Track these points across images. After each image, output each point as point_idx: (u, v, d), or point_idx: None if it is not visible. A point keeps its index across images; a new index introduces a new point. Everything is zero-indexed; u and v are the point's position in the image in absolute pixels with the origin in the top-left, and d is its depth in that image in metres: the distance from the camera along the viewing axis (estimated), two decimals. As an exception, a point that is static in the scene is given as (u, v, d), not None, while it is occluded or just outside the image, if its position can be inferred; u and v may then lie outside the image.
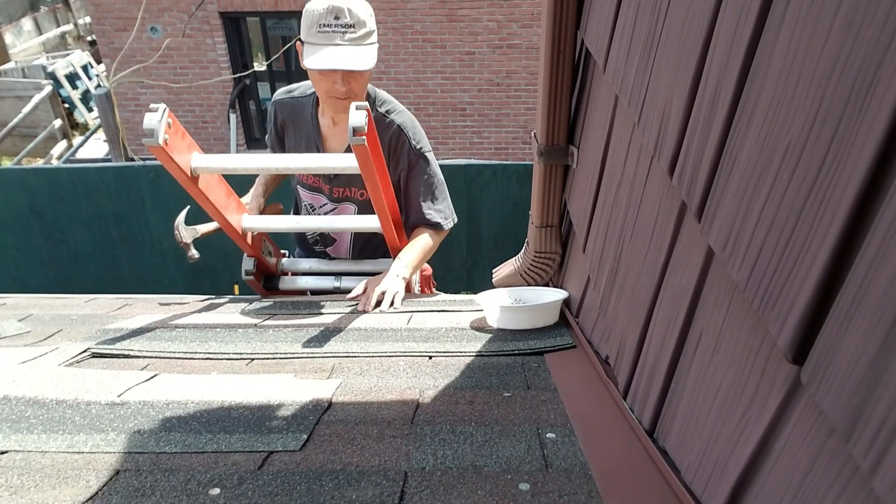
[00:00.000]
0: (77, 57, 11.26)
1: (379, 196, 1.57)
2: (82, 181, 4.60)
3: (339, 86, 1.64)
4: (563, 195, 1.58)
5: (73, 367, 1.26)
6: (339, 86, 1.64)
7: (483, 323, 1.50)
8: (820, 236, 0.47)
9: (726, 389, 0.67)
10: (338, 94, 1.66)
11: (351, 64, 1.60)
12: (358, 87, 1.69)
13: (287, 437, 0.95)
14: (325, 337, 1.42)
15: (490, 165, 4.69)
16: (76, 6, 14.33)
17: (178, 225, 1.83)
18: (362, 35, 1.62)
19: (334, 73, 1.63)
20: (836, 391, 0.44)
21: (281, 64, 8.32)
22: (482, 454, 0.90)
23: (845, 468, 0.45)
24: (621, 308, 1.06)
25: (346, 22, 1.59)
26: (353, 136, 1.31)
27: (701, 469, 0.72)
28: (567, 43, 1.35)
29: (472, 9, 7.50)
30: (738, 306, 0.65)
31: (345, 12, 1.58)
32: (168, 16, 7.65)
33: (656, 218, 0.90)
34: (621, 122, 1.10)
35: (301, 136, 1.90)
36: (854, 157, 0.44)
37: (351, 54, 1.60)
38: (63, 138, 9.71)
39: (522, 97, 7.98)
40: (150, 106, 1.32)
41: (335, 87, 1.64)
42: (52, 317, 1.67)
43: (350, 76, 1.64)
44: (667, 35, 0.83)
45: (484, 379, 1.18)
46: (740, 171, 0.61)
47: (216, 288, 4.72)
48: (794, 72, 0.52)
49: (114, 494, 0.80)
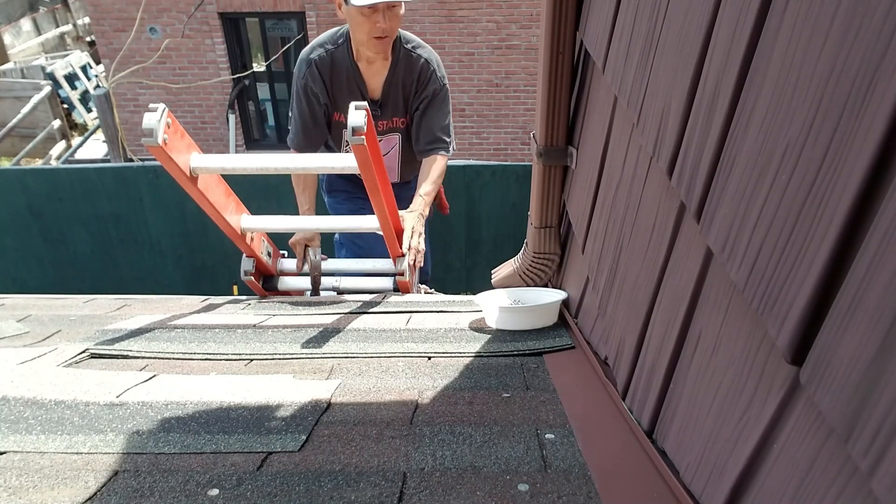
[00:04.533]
0: (76, 57, 11.25)
1: (379, 196, 1.57)
2: (81, 182, 4.60)
3: (381, 24, 1.84)
4: (562, 196, 1.58)
5: (72, 367, 1.26)
6: (381, 24, 1.84)
7: (482, 323, 1.50)
8: (819, 237, 0.47)
9: (725, 390, 0.67)
10: (380, 32, 1.86)
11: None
12: (396, 24, 1.91)
13: (286, 438, 0.95)
14: (324, 337, 1.42)
15: (489, 166, 4.69)
16: (75, 7, 14.31)
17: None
18: None
19: (376, 12, 1.82)
20: (835, 392, 0.44)
21: (280, 64, 8.32)
22: (481, 455, 0.90)
23: (844, 469, 0.45)
24: (620, 309, 1.06)
25: None
26: (352, 136, 1.31)
27: (700, 469, 0.72)
28: (566, 44, 1.36)
29: (471, 10, 7.51)
30: (737, 307, 0.65)
31: None
32: (167, 16, 7.65)
33: (655, 218, 0.90)
34: (620, 122, 1.10)
35: (341, 84, 2.06)
36: (853, 157, 0.44)
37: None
38: (62, 139, 9.70)
39: (521, 98, 7.98)
40: (150, 106, 1.32)
41: (378, 26, 1.84)
42: (50, 317, 1.67)
43: (390, 13, 1.85)
44: (666, 35, 0.83)
45: (483, 380, 1.18)
46: (739, 171, 0.61)
47: (215, 288, 4.71)
48: (794, 72, 0.52)
49: (112, 495, 0.80)
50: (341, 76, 2.05)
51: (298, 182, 2.13)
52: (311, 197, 2.13)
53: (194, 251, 4.86)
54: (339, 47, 2.03)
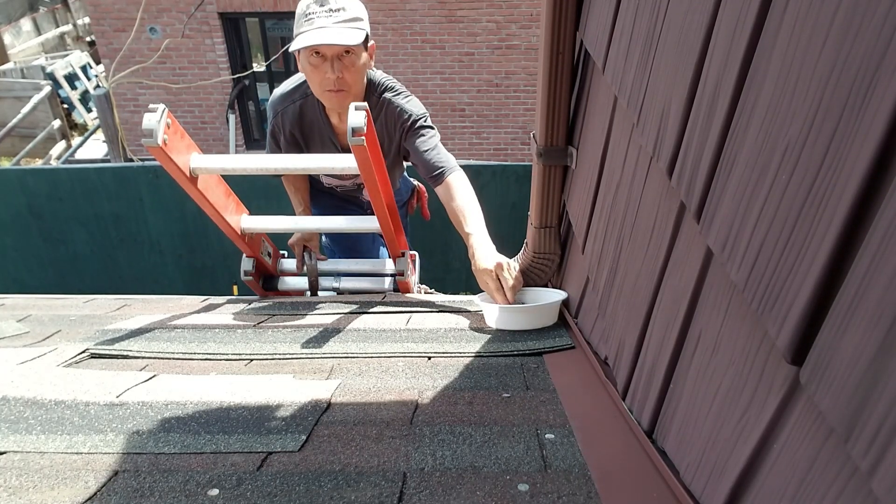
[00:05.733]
0: (76, 57, 11.25)
1: (378, 196, 1.57)
2: (81, 182, 4.60)
3: (329, 75, 1.60)
4: (562, 196, 1.58)
5: (72, 367, 1.26)
6: (329, 75, 1.60)
7: (482, 323, 1.50)
8: (819, 237, 0.47)
9: (725, 390, 0.67)
10: (330, 84, 1.63)
11: (329, 38, 1.55)
12: (351, 77, 1.65)
13: (286, 438, 0.95)
14: (324, 337, 1.42)
15: (489, 166, 4.70)
16: (75, 7, 14.31)
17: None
18: (348, 18, 1.59)
19: (323, 62, 1.60)
20: (835, 392, 0.44)
21: (280, 65, 8.33)
22: (481, 455, 0.90)
23: (844, 469, 0.45)
24: (620, 309, 1.06)
25: (331, 7, 1.57)
26: (352, 137, 1.31)
27: (700, 470, 0.72)
28: (566, 43, 1.35)
29: (471, 9, 7.51)
30: (737, 307, 0.65)
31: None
32: (167, 16, 7.65)
33: (655, 218, 0.90)
34: (620, 122, 1.10)
35: (312, 135, 1.89)
36: (853, 157, 0.44)
37: (335, 33, 1.57)
38: (62, 139, 9.70)
39: (521, 98, 7.99)
40: (149, 106, 1.32)
41: (326, 78, 1.61)
42: (50, 317, 1.67)
43: (340, 65, 1.60)
44: (666, 35, 0.83)
45: (483, 380, 1.18)
46: (739, 171, 0.61)
47: (215, 288, 4.71)
48: (794, 72, 0.52)
49: (112, 495, 0.80)
50: (312, 129, 1.88)
51: (290, 184, 2.07)
52: (304, 198, 2.10)
53: (194, 251, 4.86)
54: (307, 98, 1.82)
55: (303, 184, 2.11)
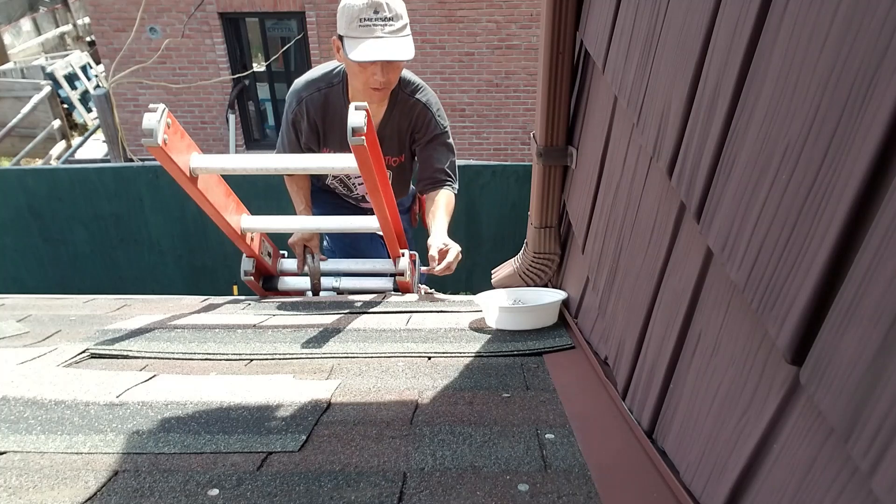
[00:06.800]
0: (76, 57, 11.24)
1: (378, 197, 1.57)
2: (81, 182, 4.60)
3: (378, 77, 1.73)
4: (562, 196, 1.58)
5: (72, 367, 1.26)
6: (378, 77, 1.73)
7: (482, 324, 1.50)
8: (819, 237, 0.47)
9: (725, 390, 0.67)
10: (377, 84, 1.75)
11: (394, 54, 1.68)
12: (395, 77, 1.79)
13: (286, 438, 0.95)
14: (324, 337, 1.42)
15: (489, 166, 4.70)
16: (75, 7, 14.31)
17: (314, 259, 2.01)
18: (400, 27, 1.70)
19: (374, 64, 1.71)
20: (835, 392, 0.44)
21: (280, 65, 8.33)
22: (481, 455, 0.90)
23: (844, 469, 0.45)
24: (620, 309, 1.06)
25: (386, 15, 1.67)
26: (352, 137, 1.31)
27: (700, 469, 0.72)
28: (566, 43, 1.36)
29: (471, 9, 7.51)
30: (736, 307, 0.65)
31: (384, 6, 1.66)
32: (167, 16, 7.65)
33: (655, 218, 0.90)
34: (620, 122, 1.10)
35: (333, 124, 1.97)
36: (853, 157, 0.44)
37: (392, 45, 1.69)
38: (62, 139, 9.70)
39: (521, 98, 7.98)
40: (150, 106, 1.32)
41: (374, 78, 1.73)
42: (50, 317, 1.67)
43: (389, 67, 1.73)
44: (666, 35, 0.83)
45: (483, 379, 1.18)
46: (739, 171, 0.61)
47: (215, 288, 4.71)
48: (794, 72, 0.52)
49: (112, 495, 0.80)
50: (335, 116, 1.95)
51: (291, 184, 2.10)
52: (305, 197, 2.11)
53: (194, 251, 4.86)
54: (333, 87, 1.92)
55: (305, 183, 2.14)
